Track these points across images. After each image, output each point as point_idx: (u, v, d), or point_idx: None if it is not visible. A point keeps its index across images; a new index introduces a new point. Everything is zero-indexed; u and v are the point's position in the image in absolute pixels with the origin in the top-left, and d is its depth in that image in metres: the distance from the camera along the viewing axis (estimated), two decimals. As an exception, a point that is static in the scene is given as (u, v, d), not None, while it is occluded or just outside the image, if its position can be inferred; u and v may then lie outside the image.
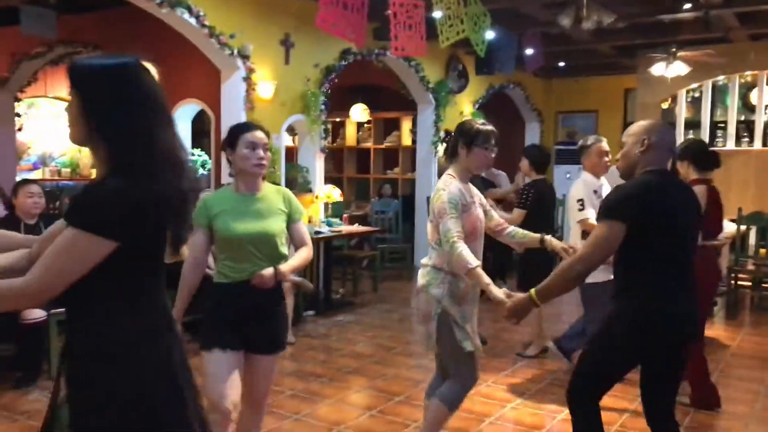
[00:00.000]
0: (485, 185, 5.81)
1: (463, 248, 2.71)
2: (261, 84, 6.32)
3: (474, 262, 2.70)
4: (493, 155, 2.97)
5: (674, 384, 2.59)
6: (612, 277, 2.59)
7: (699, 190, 3.64)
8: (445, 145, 3.09)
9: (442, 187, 2.86)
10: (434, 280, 2.86)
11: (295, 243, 2.79)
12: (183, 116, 7.42)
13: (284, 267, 2.64)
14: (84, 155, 10.76)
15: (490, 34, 6.65)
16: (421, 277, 2.93)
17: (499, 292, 2.63)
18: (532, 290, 2.47)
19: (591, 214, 4.00)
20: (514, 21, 7.41)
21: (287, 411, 3.91)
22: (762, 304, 7.04)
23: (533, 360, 4.99)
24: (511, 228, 3.16)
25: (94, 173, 7.81)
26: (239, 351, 2.62)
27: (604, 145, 4.38)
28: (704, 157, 4.07)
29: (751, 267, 6.96)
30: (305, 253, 2.76)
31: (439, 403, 2.94)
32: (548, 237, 3.04)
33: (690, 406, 3.96)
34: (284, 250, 2.71)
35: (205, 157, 7.17)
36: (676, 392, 2.62)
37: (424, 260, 2.95)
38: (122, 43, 7.52)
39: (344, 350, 5.23)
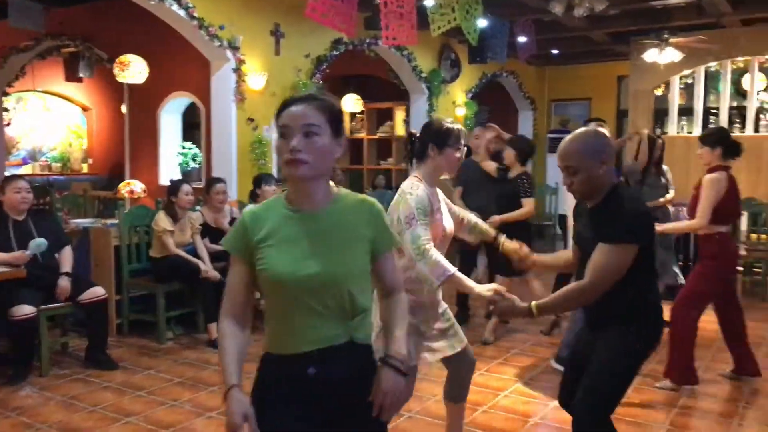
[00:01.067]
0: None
1: (436, 254, 2.52)
2: (251, 75, 6.28)
3: (451, 268, 2.53)
4: (462, 155, 2.77)
5: None
6: None
7: (721, 176, 4.01)
8: (409, 147, 2.83)
9: (409, 191, 2.62)
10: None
11: (382, 286, 1.86)
12: (173, 109, 7.37)
13: (397, 348, 1.77)
14: (75, 149, 10.70)
15: (482, 22, 6.62)
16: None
17: (484, 289, 2.52)
18: (534, 303, 2.40)
19: None
20: (506, 8, 7.37)
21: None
22: (754, 289, 7.05)
23: (526, 347, 4.99)
24: (469, 220, 2.98)
25: (85, 167, 7.74)
26: None
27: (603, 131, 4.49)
28: (732, 144, 4.23)
29: (743, 252, 6.97)
30: (405, 307, 1.87)
31: None
32: (502, 237, 2.88)
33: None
34: (367, 300, 1.77)
35: (197, 150, 7.12)
36: None
37: None
38: (111, 36, 7.48)
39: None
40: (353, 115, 10.52)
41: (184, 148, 7.16)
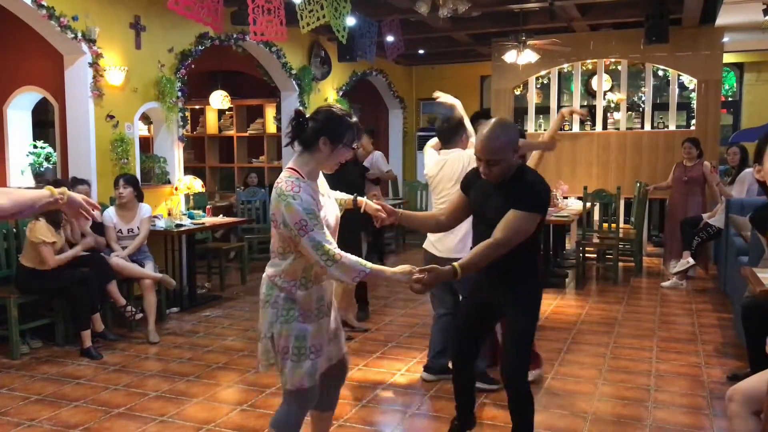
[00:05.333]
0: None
1: (347, 257, 2.30)
2: (110, 70, 5.92)
3: (367, 266, 2.32)
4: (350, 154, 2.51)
5: None
6: None
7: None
8: (295, 130, 2.48)
9: (290, 192, 2.31)
10: (269, 296, 2.44)
11: None
12: (21, 105, 6.80)
13: None
14: None
15: (351, 21, 6.66)
16: (262, 287, 2.50)
17: (402, 272, 2.38)
18: (457, 264, 2.54)
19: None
20: (374, 7, 7.47)
21: (152, 413, 3.72)
22: (606, 274, 7.64)
23: (402, 339, 5.10)
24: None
25: None
26: None
27: None
28: None
29: (596, 240, 7.55)
30: None
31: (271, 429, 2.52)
32: (362, 199, 2.76)
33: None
34: None
35: (50, 149, 6.61)
36: None
37: (268, 269, 2.49)
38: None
39: (212, 346, 5.06)
40: (222, 112, 10.24)
41: (35, 147, 6.62)
